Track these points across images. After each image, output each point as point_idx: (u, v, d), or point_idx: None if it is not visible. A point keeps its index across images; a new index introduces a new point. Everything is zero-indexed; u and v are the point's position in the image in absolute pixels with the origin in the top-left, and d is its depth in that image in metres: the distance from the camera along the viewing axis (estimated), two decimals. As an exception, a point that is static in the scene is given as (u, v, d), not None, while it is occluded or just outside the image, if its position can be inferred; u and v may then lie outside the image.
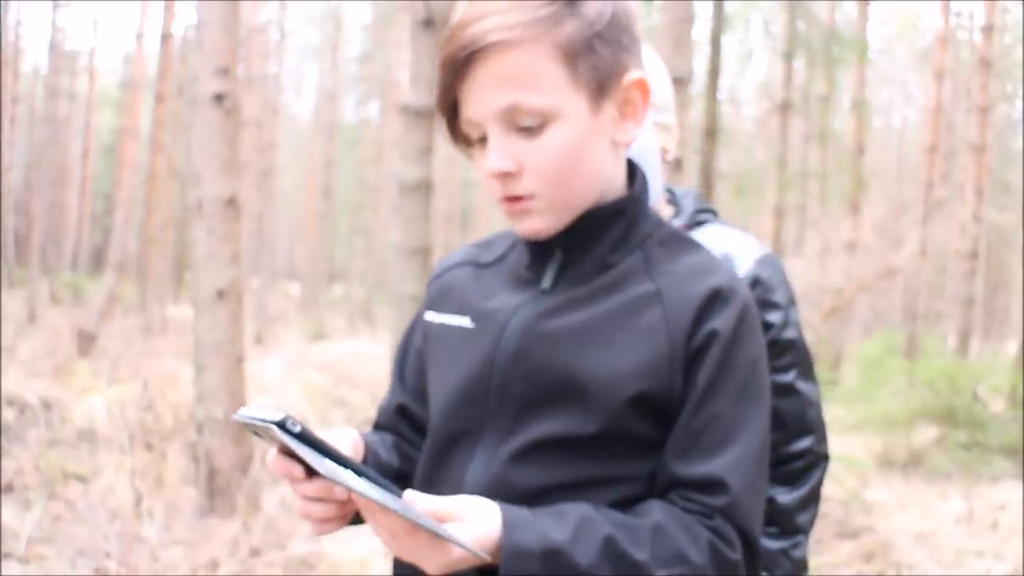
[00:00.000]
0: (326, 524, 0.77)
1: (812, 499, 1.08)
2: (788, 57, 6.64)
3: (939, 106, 12.13)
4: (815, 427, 1.08)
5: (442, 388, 0.83)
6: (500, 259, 0.87)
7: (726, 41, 6.00)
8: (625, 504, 0.76)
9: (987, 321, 20.62)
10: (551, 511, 0.72)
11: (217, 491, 3.54)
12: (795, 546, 1.06)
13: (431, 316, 0.88)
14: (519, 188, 0.77)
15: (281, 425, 0.65)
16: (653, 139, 1.11)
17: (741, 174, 6.29)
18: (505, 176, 0.76)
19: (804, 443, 1.07)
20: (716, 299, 0.77)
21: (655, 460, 0.77)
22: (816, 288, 5.86)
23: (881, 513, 4.35)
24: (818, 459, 1.09)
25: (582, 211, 0.79)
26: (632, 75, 0.78)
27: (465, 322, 0.83)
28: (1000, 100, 10.53)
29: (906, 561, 3.71)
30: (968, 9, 13.13)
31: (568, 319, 0.78)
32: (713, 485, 0.74)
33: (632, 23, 0.79)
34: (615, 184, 0.81)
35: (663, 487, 0.77)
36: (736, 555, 0.74)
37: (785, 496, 1.05)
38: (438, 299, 0.89)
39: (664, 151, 1.13)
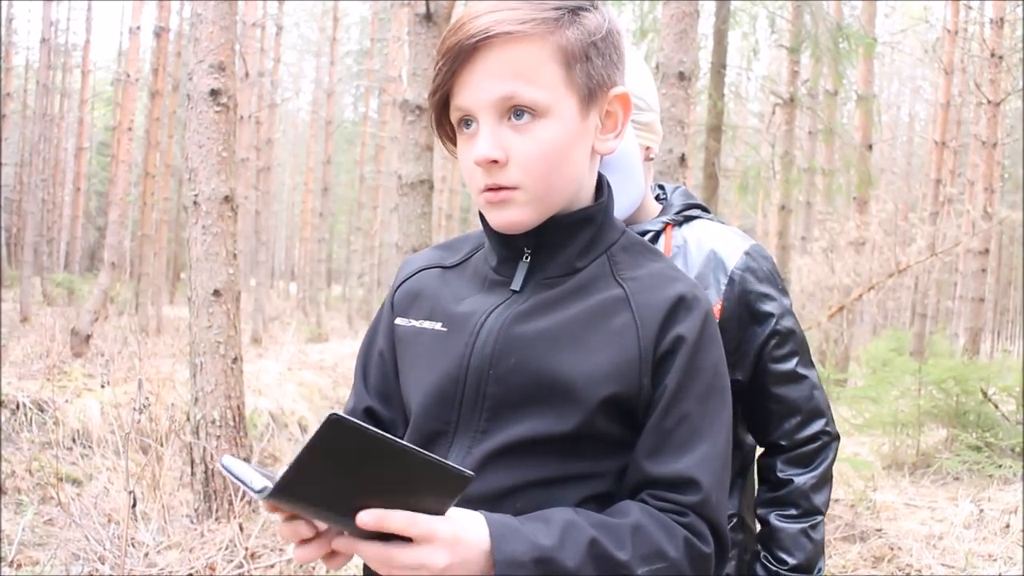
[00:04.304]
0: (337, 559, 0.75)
1: (826, 479, 1.11)
2: (794, 52, 6.61)
3: (949, 101, 12.09)
4: (824, 410, 1.11)
5: (418, 390, 0.85)
6: (464, 261, 0.91)
7: (731, 36, 5.94)
8: (594, 500, 0.80)
9: (998, 319, 20.64)
10: (535, 517, 0.75)
11: (214, 494, 3.48)
12: (814, 527, 1.07)
13: (401, 322, 0.91)
14: (504, 178, 0.79)
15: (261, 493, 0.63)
16: (634, 138, 1.11)
17: (746, 171, 6.24)
18: (492, 164, 0.79)
19: (817, 426, 1.09)
20: (681, 306, 0.82)
21: (621, 458, 0.81)
22: (823, 286, 5.82)
23: (889, 516, 4.30)
24: (831, 440, 1.12)
25: (557, 210, 0.83)
26: (617, 89, 0.84)
27: (437, 326, 0.86)
28: (1011, 94, 10.47)
29: (915, 564, 3.65)
30: (978, 2, 13.07)
31: (541, 322, 0.81)
32: (685, 483, 0.79)
33: (621, 42, 0.85)
34: (587, 190, 0.86)
35: (635, 486, 0.81)
36: (709, 548, 0.79)
37: (801, 477, 1.08)
38: (406, 304, 0.91)
39: (647, 150, 1.14)
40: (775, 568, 1.06)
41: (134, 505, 3.22)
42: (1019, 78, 10.30)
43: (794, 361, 1.08)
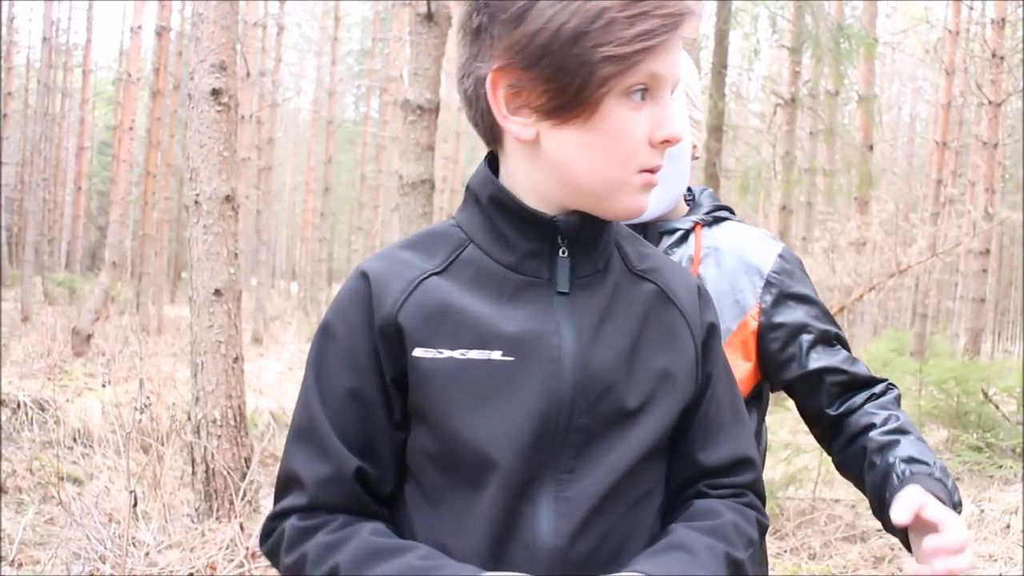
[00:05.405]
0: None
1: None
2: (795, 52, 6.61)
3: (950, 101, 12.08)
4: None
5: (500, 434, 0.70)
6: (452, 263, 0.75)
7: (732, 36, 5.95)
8: (658, 511, 0.78)
9: (999, 320, 20.64)
10: (671, 548, 0.72)
11: (214, 493, 3.48)
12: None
13: (426, 354, 0.72)
14: (662, 160, 0.73)
15: None
16: (690, 136, 1.09)
17: (747, 171, 6.25)
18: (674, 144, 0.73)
19: (885, 382, 1.11)
20: (701, 293, 0.83)
21: (665, 460, 0.79)
22: (824, 287, 5.82)
23: (890, 516, 4.29)
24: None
25: None
26: None
27: (495, 355, 0.71)
28: (1012, 95, 10.48)
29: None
30: (979, 2, 13.07)
31: (612, 337, 0.74)
32: (741, 464, 0.80)
33: None
34: None
35: (688, 480, 0.79)
36: (766, 520, 0.81)
37: (900, 412, 1.06)
38: (427, 329, 0.72)
39: (693, 148, 1.12)
40: (938, 474, 0.94)
41: (135, 504, 3.22)
42: (1020, 79, 10.29)
43: (843, 346, 1.09)
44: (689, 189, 1.19)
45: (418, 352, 0.72)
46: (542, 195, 0.74)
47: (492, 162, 0.79)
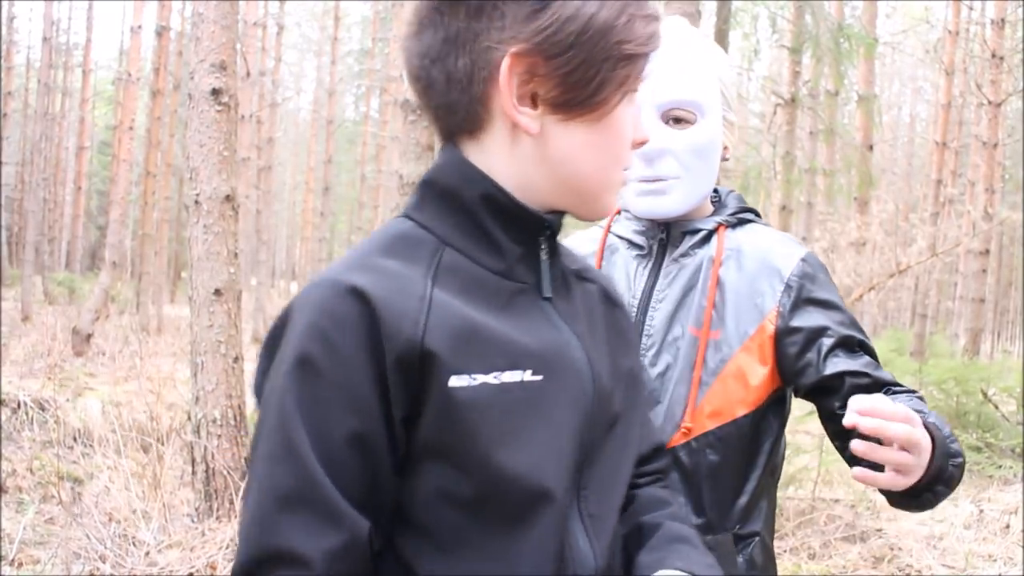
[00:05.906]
0: None
1: None
2: (795, 52, 6.61)
3: (949, 101, 12.09)
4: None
5: (551, 460, 0.64)
6: (437, 272, 0.65)
7: (732, 36, 5.96)
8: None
9: (998, 320, 20.65)
10: (679, 540, 0.74)
11: (214, 493, 3.48)
12: None
13: (462, 383, 0.62)
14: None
15: None
16: (721, 136, 1.09)
17: (747, 171, 6.25)
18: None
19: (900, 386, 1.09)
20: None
21: None
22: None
23: (890, 516, 4.29)
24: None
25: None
26: None
27: (527, 376, 0.64)
28: (1012, 95, 10.50)
29: (915, 565, 3.65)
30: (979, 3, 13.09)
31: (599, 345, 0.73)
32: (659, 450, 0.84)
33: None
34: None
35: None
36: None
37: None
38: (460, 353, 0.62)
39: (724, 149, 1.11)
40: (933, 418, 0.91)
41: (134, 504, 3.22)
42: (1020, 79, 10.30)
43: (867, 353, 1.04)
44: (716, 190, 1.17)
45: (456, 382, 0.61)
46: (527, 192, 0.68)
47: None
